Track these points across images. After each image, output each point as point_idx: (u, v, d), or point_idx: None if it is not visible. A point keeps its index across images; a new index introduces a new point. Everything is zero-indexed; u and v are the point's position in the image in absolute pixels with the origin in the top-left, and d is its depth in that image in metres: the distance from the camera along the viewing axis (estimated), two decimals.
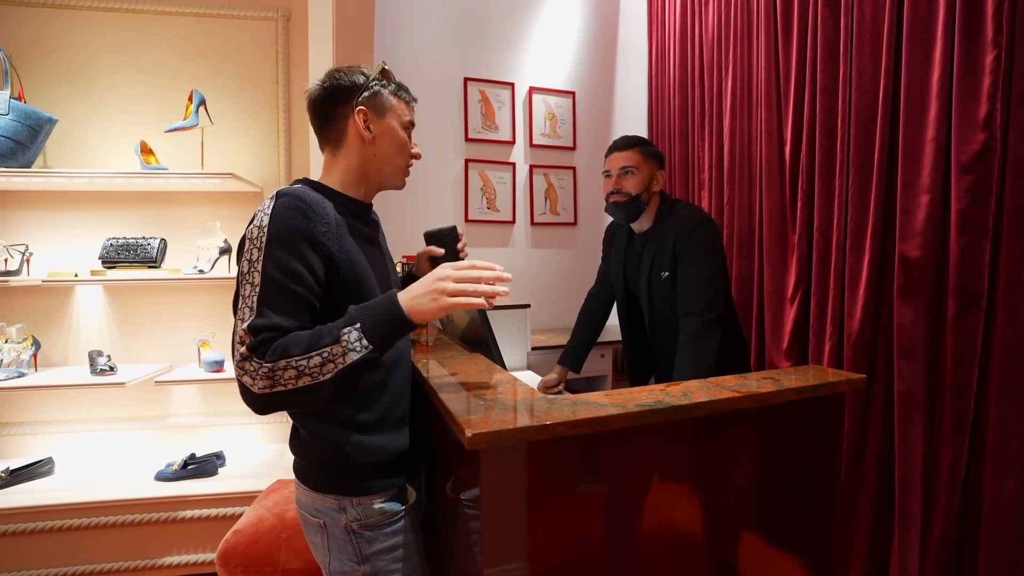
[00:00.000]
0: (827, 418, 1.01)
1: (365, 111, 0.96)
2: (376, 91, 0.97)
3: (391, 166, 1.01)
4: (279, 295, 0.80)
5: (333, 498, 0.93)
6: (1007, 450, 1.36)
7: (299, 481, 0.98)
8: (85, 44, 2.01)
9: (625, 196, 1.50)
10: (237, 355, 0.79)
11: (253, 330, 0.79)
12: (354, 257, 0.91)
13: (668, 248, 1.48)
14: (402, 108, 1.01)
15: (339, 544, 0.95)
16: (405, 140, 1.01)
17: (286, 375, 0.77)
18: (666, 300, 1.50)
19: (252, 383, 0.79)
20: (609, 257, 1.77)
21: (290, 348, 0.78)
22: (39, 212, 2.02)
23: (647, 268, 1.54)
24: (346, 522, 0.93)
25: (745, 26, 2.28)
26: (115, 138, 2.02)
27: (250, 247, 0.82)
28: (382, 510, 0.94)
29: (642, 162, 1.50)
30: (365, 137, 0.96)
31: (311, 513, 0.97)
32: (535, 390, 0.87)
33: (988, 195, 1.38)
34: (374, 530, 0.94)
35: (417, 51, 2.81)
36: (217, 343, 2.05)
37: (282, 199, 0.85)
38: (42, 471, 1.89)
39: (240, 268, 0.83)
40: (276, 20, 2.10)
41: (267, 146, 2.13)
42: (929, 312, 1.51)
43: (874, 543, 1.66)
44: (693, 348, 1.37)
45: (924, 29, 1.50)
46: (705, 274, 1.44)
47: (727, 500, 0.91)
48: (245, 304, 0.80)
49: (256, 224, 0.83)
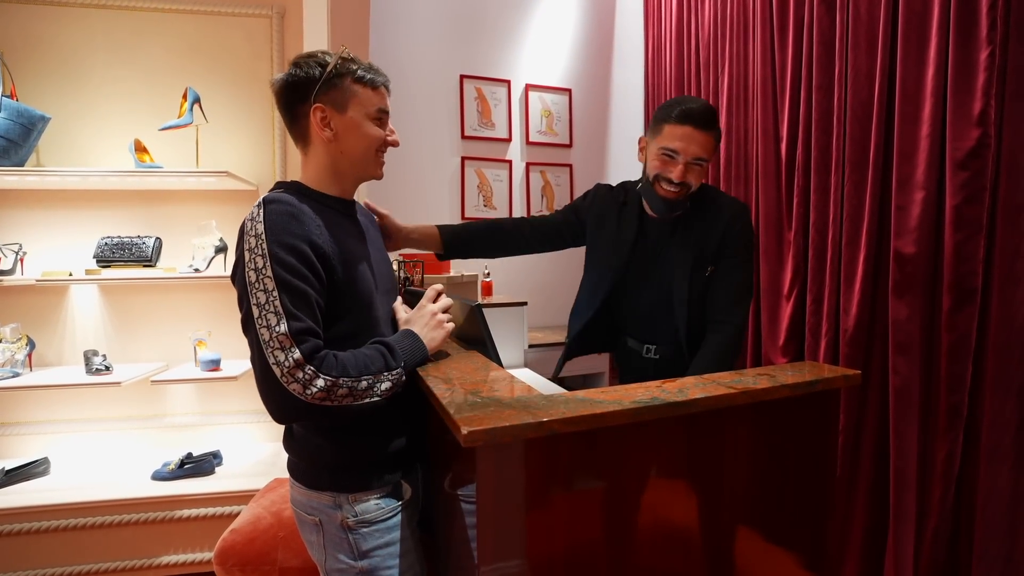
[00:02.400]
0: (823, 414, 1.01)
1: (323, 108, 0.90)
2: (335, 83, 0.89)
3: (362, 161, 0.95)
4: (298, 298, 0.81)
5: (329, 495, 0.93)
6: (1000, 444, 1.37)
7: (294, 480, 0.97)
8: (78, 41, 1.99)
9: (683, 191, 1.19)
10: (288, 361, 0.78)
11: (297, 334, 0.80)
12: (349, 258, 0.91)
13: (715, 239, 1.23)
14: (368, 97, 0.92)
15: (335, 541, 0.94)
16: (373, 133, 0.94)
17: (340, 392, 0.83)
18: (702, 300, 1.27)
19: (303, 391, 0.79)
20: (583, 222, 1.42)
21: (348, 367, 0.84)
22: (33, 211, 2.00)
23: (687, 261, 1.25)
24: (342, 519, 0.93)
25: (741, 23, 2.28)
26: (109, 136, 2.00)
27: (251, 256, 0.82)
28: (378, 506, 0.94)
29: (715, 151, 1.21)
30: (325, 136, 0.91)
31: (306, 511, 0.96)
32: (532, 387, 0.87)
33: (982, 191, 1.39)
34: (370, 526, 0.93)
35: (413, 48, 2.81)
36: (213, 342, 2.04)
37: (271, 206, 0.84)
38: (38, 471, 1.88)
39: (246, 279, 0.82)
40: (271, 17, 2.09)
41: (262, 144, 2.12)
42: (924, 308, 1.52)
43: (869, 537, 1.68)
44: (723, 362, 1.21)
45: (919, 26, 1.51)
46: (746, 281, 1.27)
47: (723, 496, 0.92)
48: (267, 311, 0.80)
49: (251, 233, 0.83)
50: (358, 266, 0.93)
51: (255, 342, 0.81)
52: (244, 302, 0.83)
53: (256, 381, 0.83)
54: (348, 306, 0.91)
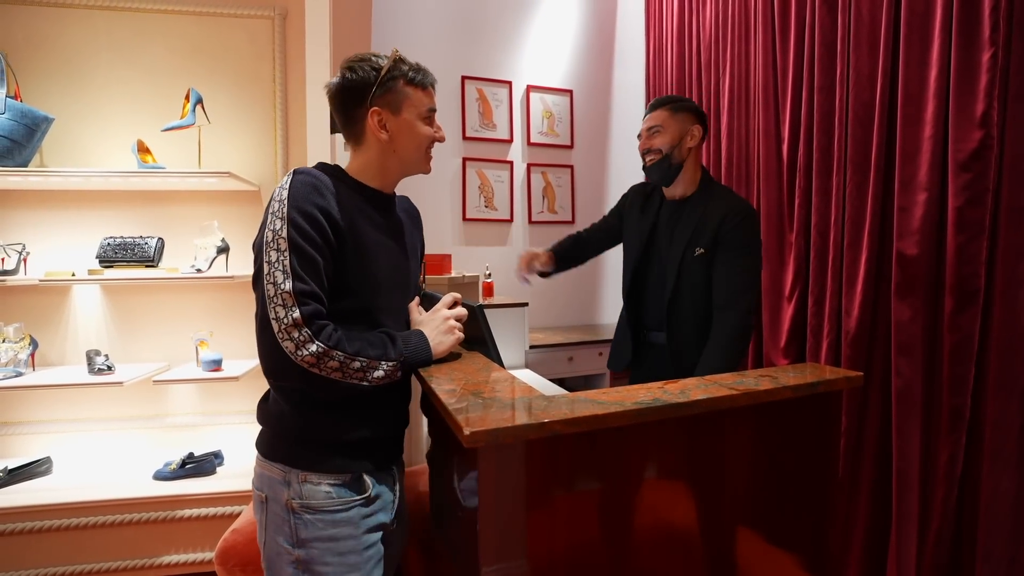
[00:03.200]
0: (825, 415, 1.01)
1: (379, 111, 0.94)
2: (389, 87, 0.94)
3: (412, 159, 1.00)
4: (306, 261, 0.84)
5: (280, 468, 0.91)
6: (1004, 446, 1.37)
7: (257, 452, 0.96)
8: (81, 42, 2.00)
9: (657, 154, 1.46)
10: (287, 319, 0.81)
11: (300, 294, 0.82)
12: (362, 239, 0.92)
13: (711, 226, 1.40)
14: (419, 97, 0.97)
15: (276, 523, 0.90)
16: (424, 132, 0.98)
17: (330, 364, 0.84)
18: (693, 279, 1.42)
19: (295, 351, 0.82)
20: (623, 218, 1.67)
21: (344, 343, 0.85)
22: (36, 211, 2.01)
23: (683, 239, 1.44)
24: (287, 498, 0.89)
25: (743, 24, 2.28)
26: (112, 137, 2.01)
27: (272, 218, 0.86)
28: (328, 494, 0.90)
29: (669, 118, 1.45)
30: (382, 138, 0.95)
31: (257, 486, 0.94)
32: (533, 388, 0.87)
33: (985, 193, 1.38)
34: (314, 513, 0.89)
35: (414, 49, 2.79)
36: (215, 342, 2.04)
37: (299, 176, 0.89)
38: (40, 471, 1.88)
39: (263, 238, 0.86)
40: (273, 19, 2.09)
41: (264, 145, 2.12)
42: (926, 309, 1.51)
43: (872, 540, 1.67)
44: (729, 347, 1.35)
45: (921, 27, 1.50)
46: (751, 272, 1.41)
47: (725, 497, 0.91)
48: (276, 268, 0.83)
49: (276, 199, 0.88)
50: (371, 251, 0.94)
51: (261, 297, 0.84)
52: (258, 259, 0.87)
53: (256, 336, 0.85)
54: (352, 286, 0.92)
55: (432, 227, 2.89)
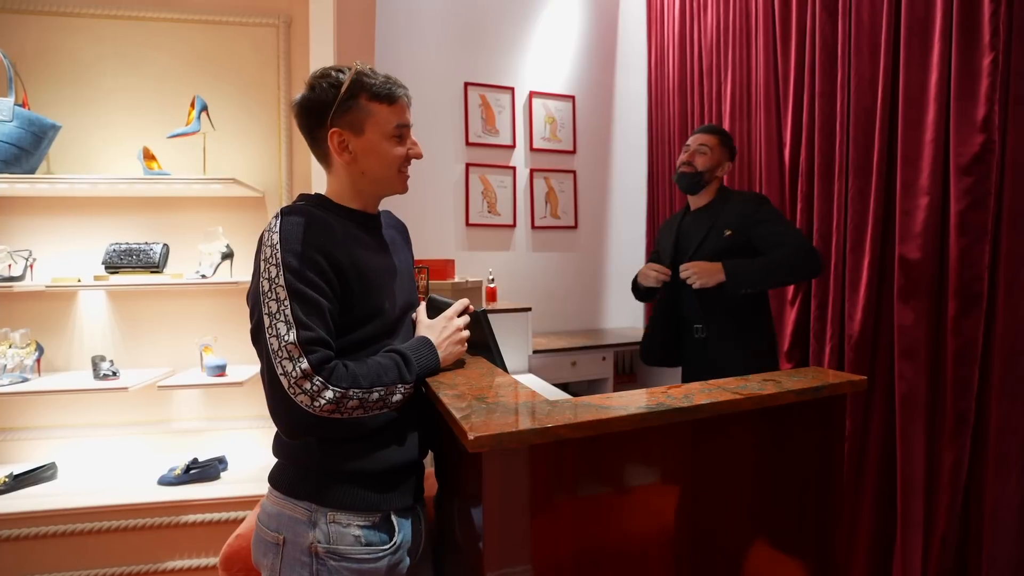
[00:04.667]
0: (828, 420, 1.01)
1: (340, 132, 0.88)
2: (349, 106, 0.87)
3: (382, 179, 0.94)
4: (310, 307, 0.80)
5: (304, 507, 0.84)
6: (1009, 450, 1.36)
7: (271, 487, 0.89)
8: (88, 51, 2.02)
9: (691, 169, 1.69)
10: (295, 372, 0.76)
11: (306, 343, 0.77)
12: (363, 270, 0.88)
13: (734, 211, 1.63)
14: (385, 115, 0.89)
15: (294, 568, 0.82)
16: (392, 152, 0.91)
17: (350, 404, 0.80)
18: (718, 256, 1.59)
19: (311, 403, 0.77)
20: (659, 243, 1.89)
21: (359, 379, 0.81)
22: (42, 218, 2.02)
23: (705, 228, 1.66)
24: (311, 541, 0.82)
25: (744, 30, 2.29)
26: (118, 144, 2.02)
27: (266, 266, 0.81)
28: (357, 538, 0.83)
29: (717, 146, 1.69)
30: (345, 159, 0.90)
31: (271, 527, 0.86)
32: (537, 393, 0.88)
33: (987, 196, 1.38)
34: (340, 560, 0.82)
35: (418, 56, 2.83)
36: (219, 347, 2.05)
37: (288, 217, 0.84)
38: (45, 476, 1.89)
39: (259, 288, 0.81)
40: (278, 26, 2.11)
41: (269, 151, 2.14)
42: (929, 313, 1.51)
43: (876, 544, 1.66)
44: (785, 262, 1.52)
45: (922, 32, 1.51)
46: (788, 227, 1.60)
47: (729, 502, 0.91)
48: (277, 320, 0.78)
49: (267, 244, 0.82)
50: (375, 278, 0.90)
51: (265, 352, 0.79)
52: (256, 312, 0.81)
53: (265, 395, 0.81)
54: (363, 317, 0.88)
55: (435, 232, 2.91)
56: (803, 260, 1.52)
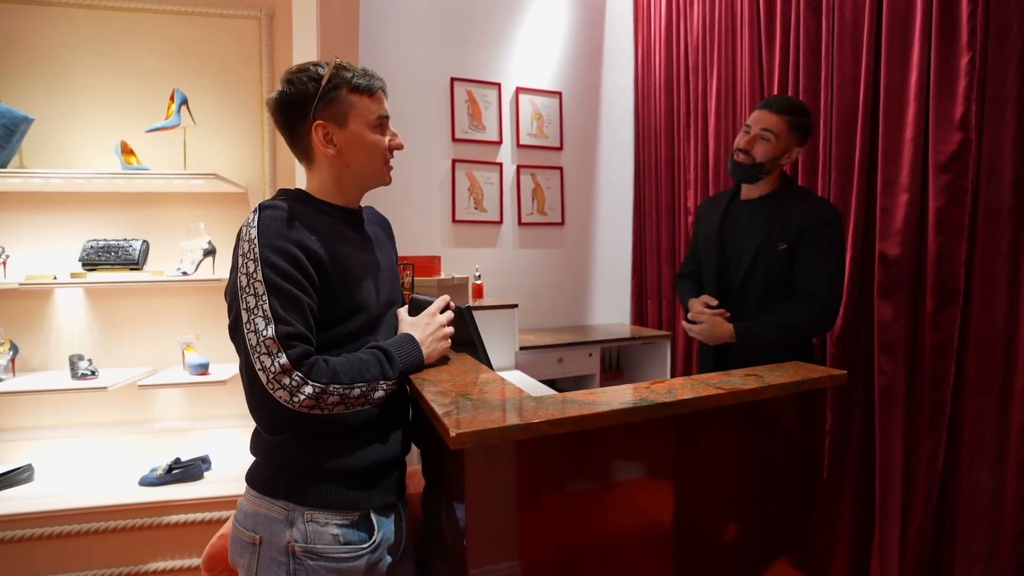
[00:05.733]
0: (809, 414, 1.02)
1: (324, 124, 0.87)
2: (331, 97, 0.87)
3: (367, 172, 0.93)
4: (289, 301, 0.79)
5: (281, 506, 0.83)
6: (982, 442, 1.40)
7: (248, 486, 0.88)
8: (62, 41, 1.97)
9: (748, 159, 1.43)
10: (274, 367, 0.75)
11: (284, 338, 0.76)
12: (344, 264, 0.87)
13: (794, 223, 1.39)
14: (366, 105, 0.90)
15: (271, 568, 0.82)
16: (376, 142, 0.91)
17: (331, 400, 0.79)
18: (770, 271, 1.42)
19: (290, 399, 0.76)
20: (699, 226, 1.67)
21: (339, 374, 0.80)
22: (16, 214, 1.97)
23: (761, 233, 1.43)
24: (288, 541, 0.81)
25: (729, 28, 2.31)
26: (95, 138, 1.98)
27: (244, 261, 0.80)
28: (335, 537, 0.82)
29: (785, 132, 1.41)
30: (329, 153, 0.89)
31: (247, 526, 0.85)
32: (522, 390, 0.87)
33: (964, 194, 1.41)
34: (317, 560, 0.81)
35: (403, 51, 2.80)
36: (201, 346, 2.02)
37: (266, 211, 0.83)
38: (21, 478, 1.85)
39: (237, 283, 0.80)
40: (260, 19, 2.07)
41: (251, 146, 2.10)
42: (908, 309, 1.54)
43: (856, 536, 1.70)
44: (802, 325, 1.38)
45: (902, 32, 1.53)
46: (839, 267, 1.43)
47: (712, 496, 0.92)
48: (255, 315, 0.77)
49: (245, 239, 0.81)
50: (356, 273, 0.90)
51: (243, 348, 0.78)
52: (233, 307, 0.81)
53: (244, 391, 0.80)
54: (344, 313, 0.88)
55: (421, 228, 2.89)
56: (820, 318, 1.38)
